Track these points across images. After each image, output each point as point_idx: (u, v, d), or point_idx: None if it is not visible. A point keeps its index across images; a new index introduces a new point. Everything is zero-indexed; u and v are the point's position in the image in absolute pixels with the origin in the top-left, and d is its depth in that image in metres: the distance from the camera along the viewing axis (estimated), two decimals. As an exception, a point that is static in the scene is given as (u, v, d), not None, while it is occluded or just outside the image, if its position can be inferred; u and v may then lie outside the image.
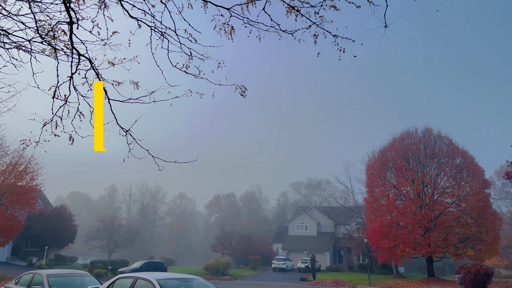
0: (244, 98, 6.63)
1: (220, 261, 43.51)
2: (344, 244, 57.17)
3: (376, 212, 38.50)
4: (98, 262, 47.06)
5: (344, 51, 5.42)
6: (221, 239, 61.18)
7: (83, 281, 12.63)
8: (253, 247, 60.62)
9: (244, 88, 6.55)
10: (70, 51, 6.60)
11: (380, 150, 41.33)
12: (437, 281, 34.74)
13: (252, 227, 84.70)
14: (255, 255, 56.66)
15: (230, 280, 37.91)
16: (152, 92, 7.06)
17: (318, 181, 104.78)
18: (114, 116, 6.93)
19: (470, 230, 34.34)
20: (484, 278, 22.95)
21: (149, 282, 8.79)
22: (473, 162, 37.46)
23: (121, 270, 34.67)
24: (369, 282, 34.74)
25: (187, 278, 9.98)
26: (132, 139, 7.03)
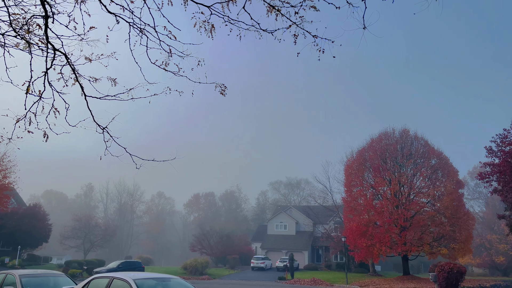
0: (224, 96, 6.61)
1: (199, 261, 43.29)
2: (322, 243, 57.73)
3: (354, 211, 39.04)
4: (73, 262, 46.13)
5: (324, 51, 5.46)
6: (200, 239, 60.86)
7: (57, 281, 12.35)
8: (232, 246, 60.55)
9: (224, 86, 6.52)
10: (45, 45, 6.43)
11: (358, 150, 41.93)
12: (412, 279, 35.49)
13: (231, 226, 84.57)
14: (234, 254, 56.60)
15: (208, 280, 37.76)
16: (131, 89, 6.95)
17: (297, 180, 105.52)
18: (91, 113, 6.79)
19: (444, 229, 35.25)
20: (457, 276, 23.56)
21: (126, 282, 8.64)
22: (447, 163, 38.43)
23: (97, 270, 34.06)
24: (346, 280, 35.17)
25: (165, 277, 9.87)
26: (109, 137, 6.91)
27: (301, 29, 5.45)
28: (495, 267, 62.50)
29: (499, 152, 22.95)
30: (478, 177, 25.34)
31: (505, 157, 22.24)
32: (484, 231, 66.23)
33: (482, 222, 68.98)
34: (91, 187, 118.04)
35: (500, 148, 22.94)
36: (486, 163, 23.81)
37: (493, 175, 23.24)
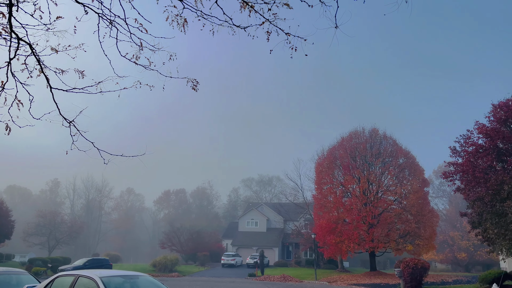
0: (196, 91, 6.54)
1: (168, 258, 42.85)
2: (292, 239, 58.37)
3: (324, 208, 39.66)
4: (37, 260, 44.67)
5: (296, 49, 5.50)
6: (170, 236, 60.28)
7: (20, 279, 11.94)
8: (202, 243, 60.34)
9: (196, 81, 6.45)
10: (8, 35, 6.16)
11: (329, 149, 42.60)
12: (378, 275, 36.44)
13: (202, 223, 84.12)
14: (205, 251, 56.41)
15: (178, 277, 37.44)
16: (99, 82, 6.77)
17: (269, 178, 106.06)
18: (57, 105, 6.57)
19: (410, 226, 36.38)
20: (421, 271, 24.35)
21: (92, 280, 8.44)
22: (414, 162, 39.63)
23: (62, 268, 33.12)
24: (315, 276, 35.72)
25: (133, 275, 9.71)
26: (76, 131, 6.71)
27: (274, 26, 5.47)
28: (457, 263, 65.05)
29: (462, 152, 23.81)
30: (442, 176, 26.23)
31: (468, 157, 23.10)
32: (447, 228, 68.78)
33: (446, 219, 71.61)
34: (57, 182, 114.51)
35: (463, 148, 23.80)
36: (450, 163, 24.67)
37: (456, 174, 24.09)
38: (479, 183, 21.81)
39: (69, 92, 6.58)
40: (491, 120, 22.67)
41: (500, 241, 20.27)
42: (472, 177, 22.34)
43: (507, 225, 19.21)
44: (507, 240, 19.51)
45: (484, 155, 21.95)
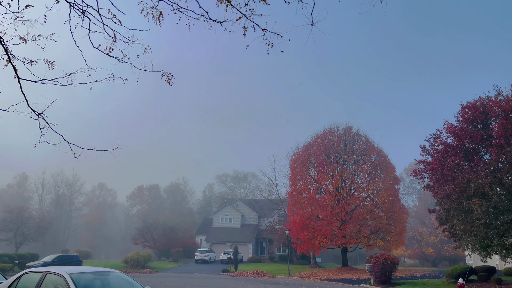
0: (170, 85, 6.45)
1: (141, 254, 42.30)
2: (266, 235, 58.72)
3: (298, 204, 40.07)
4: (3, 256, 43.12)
5: (272, 45, 5.50)
6: (143, 231, 59.49)
7: (-16, 277, 11.50)
8: (176, 239, 59.87)
9: (170, 75, 6.36)
10: (-27, 22, 5.90)
11: (304, 146, 43.01)
12: (350, 270, 37.17)
13: (176, 219, 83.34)
14: (178, 247, 56.00)
15: (150, 273, 37.04)
16: (70, 74, 6.59)
17: (244, 174, 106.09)
18: (25, 97, 6.35)
19: (381, 223, 37.25)
20: (390, 266, 25.00)
21: (60, 277, 8.21)
22: (386, 160, 40.54)
23: (30, 265, 32.18)
24: (288, 272, 36.07)
25: (103, 271, 9.51)
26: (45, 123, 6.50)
27: (251, 21, 5.45)
28: (425, 258, 67.12)
29: (432, 151, 24.49)
30: (412, 174, 26.92)
31: (437, 155, 23.79)
32: (416, 224, 70.77)
33: (415, 216, 73.61)
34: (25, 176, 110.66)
35: (433, 147, 24.48)
36: (420, 161, 25.33)
37: (426, 172, 24.77)
38: (447, 181, 22.51)
39: (38, 83, 6.37)
40: (459, 120, 23.41)
41: (466, 237, 21.01)
42: (441, 175, 23.04)
43: (472, 222, 19.93)
44: (473, 236, 20.25)
45: (452, 154, 22.66)
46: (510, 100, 21.26)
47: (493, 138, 21.06)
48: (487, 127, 22.39)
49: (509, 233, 18.94)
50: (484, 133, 22.07)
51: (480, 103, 22.90)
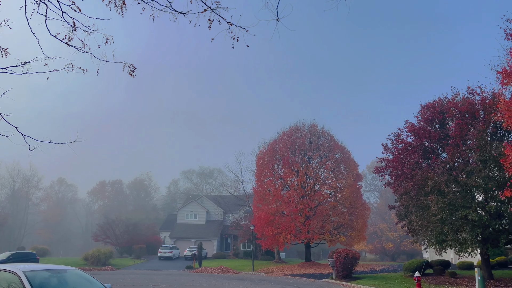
0: (133, 77, 6.28)
1: (102, 251, 41.21)
2: (231, 231, 58.75)
3: (263, 201, 40.32)
4: (-48, 255, 40.75)
5: (238, 39, 5.45)
6: (105, 228, 58.00)
7: None
8: (139, 235, 58.80)
9: (133, 67, 6.18)
10: None
11: (270, 142, 43.27)
12: (313, 265, 37.84)
13: (140, 215, 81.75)
14: (141, 244, 55.03)
15: (112, 270, 36.17)
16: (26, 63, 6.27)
17: (210, 170, 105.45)
18: (-25, 85, 5.98)
19: (343, 218, 38.15)
20: (352, 261, 25.65)
21: (14, 275, 7.85)
22: (349, 157, 41.50)
23: (-18, 263, 30.54)
24: (253, 268, 36.27)
25: (60, 269, 9.17)
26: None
27: (216, 14, 5.37)
28: (385, 253, 69.39)
29: (393, 149, 25.24)
30: (374, 171, 27.64)
31: (398, 153, 24.55)
32: (377, 220, 73.00)
33: (376, 212, 75.89)
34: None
35: (394, 145, 25.23)
36: (381, 159, 26.04)
37: (387, 169, 25.51)
38: (406, 178, 23.28)
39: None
40: (419, 119, 24.24)
41: (423, 232, 21.86)
42: (401, 172, 23.80)
43: (429, 218, 20.75)
44: (429, 232, 21.09)
45: (412, 152, 23.45)
46: (466, 101, 22.25)
47: (449, 137, 21.96)
48: (444, 127, 23.32)
49: (463, 228, 19.86)
50: (442, 132, 22.98)
51: (439, 103, 23.82)
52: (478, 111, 21.82)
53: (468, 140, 21.03)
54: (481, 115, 21.70)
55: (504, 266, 29.38)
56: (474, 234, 19.56)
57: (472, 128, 21.01)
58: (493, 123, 20.86)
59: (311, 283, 24.65)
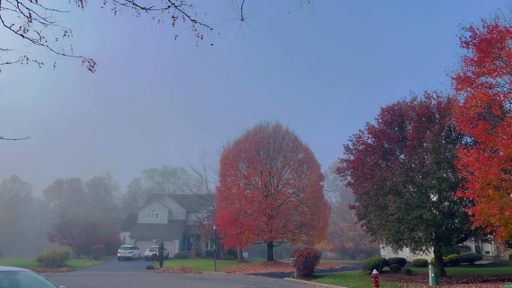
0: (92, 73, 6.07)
1: (57, 252, 39.61)
2: (194, 231, 58.20)
3: (227, 200, 40.23)
4: None
5: (202, 37, 5.40)
6: (61, 228, 55.82)
7: None
8: (97, 235, 57.05)
9: (93, 62, 5.97)
10: None
11: (235, 142, 43.23)
12: (275, 264, 38.17)
13: (99, 214, 79.39)
14: (100, 244, 53.44)
15: (68, 272, 34.89)
16: (-25, 54, 5.91)
17: (173, 169, 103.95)
18: None
19: (305, 218, 38.74)
20: (313, 260, 26.10)
21: (-41, 278, 7.39)
22: (312, 158, 42.19)
23: None
24: (215, 267, 36.10)
25: (11, 270, 8.72)
26: None
27: (181, 12, 5.29)
28: (345, 251, 71.10)
29: (354, 150, 25.89)
30: (336, 172, 28.22)
31: (359, 154, 25.22)
32: (338, 219, 74.66)
33: (337, 211, 77.61)
34: None
35: (355, 146, 25.88)
36: (343, 159, 26.65)
37: (348, 170, 26.14)
38: (366, 179, 23.97)
39: None
40: (379, 122, 25.00)
41: (381, 231, 22.60)
42: (361, 173, 24.47)
43: (387, 217, 21.47)
44: (387, 230, 21.83)
45: (372, 153, 24.16)
46: (423, 105, 23.20)
47: (407, 139, 22.81)
48: (403, 129, 24.18)
49: (418, 227, 20.69)
50: (400, 135, 23.83)
51: (398, 107, 24.67)
52: (434, 115, 22.82)
53: (425, 143, 21.91)
54: (437, 119, 22.70)
55: (455, 263, 30.90)
56: (429, 233, 20.40)
57: (428, 131, 21.92)
58: (448, 126, 21.87)
59: (272, 282, 24.85)
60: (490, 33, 16.54)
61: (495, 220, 15.38)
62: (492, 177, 15.01)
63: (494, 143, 16.07)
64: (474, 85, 17.30)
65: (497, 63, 16.72)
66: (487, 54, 16.34)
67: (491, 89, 17.33)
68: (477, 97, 16.37)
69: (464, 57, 17.77)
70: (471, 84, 17.35)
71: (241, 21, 4.94)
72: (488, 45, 16.34)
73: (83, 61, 5.94)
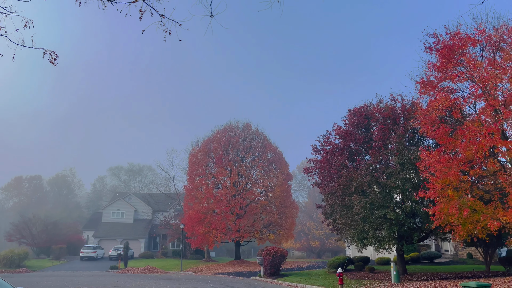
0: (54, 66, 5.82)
1: (16, 252, 38.03)
2: (160, 230, 57.33)
3: (195, 199, 39.89)
4: None
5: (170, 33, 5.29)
6: (20, 227, 53.53)
7: None
8: (59, 235, 55.14)
9: (55, 54, 5.73)
10: None
11: (204, 140, 42.91)
12: (242, 263, 38.19)
13: (61, 213, 76.59)
14: (61, 244, 51.69)
15: (27, 272, 33.53)
16: None
17: (140, 167, 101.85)
18: None
19: (273, 217, 38.98)
20: (280, 259, 26.30)
21: None
22: (281, 157, 42.50)
23: None
24: (181, 267, 35.71)
25: (-36, 273, 8.28)
26: None
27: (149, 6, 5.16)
28: (311, 250, 72.05)
29: (321, 150, 26.29)
30: (304, 171, 28.57)
31: (326, 155, 25.65)
32: (305, 218, 75.55)
33: (304, 211, 78.50)
34: None
35: (323, 147, 26.29)
36: (311, 159, 27.01)
37: (315, 170, 26.52)
38: (333, 179, 24.40)
39: None
40: (346, 123, 25.51)
41: (347, 230, 23.06)
42: (328, 173, 24.89)
43: (353, 216, 21.93)
44: (352, 229, 22.30)
45: (339, 154, 24.62)
46: (389, 108, 23.86)
47: (373, 141, 23.39)
48: (369, 131, 24.77)
49: (382, 226, 21.26)
50: (366, 136, 24.40)
51: (364, 109, 25.25)
52: (398, 118, 23.51)
53: (389, 144, 22.53)
54: (401, 121, 23.41)
55: (416, 261, 31.99)
56: (392, 232, 21.00)
57: (393, 133, 22.57)
58: (412, 129, 22.60)
59: (239, 281, 24.83)
60: (453, 40, 17.20)
61: (454, 220, 16.02)
62: (452, 178, 15.62)
63: (454, 146, 16.74)
64: (436, 89, 17.96)
65: (458, 68, 17.42)
66: (449, 60, 16.98)
67: (452, 93, 18.05)
68: (439, 101, 17.00)
69: (428, 62, 18.41)
70: (433, 89, 18.00)
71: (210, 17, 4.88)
72: (450, 51, 16.98)
73: (44, 53, 5.69)
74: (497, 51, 17.24)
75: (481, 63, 16.80)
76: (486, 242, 21.63)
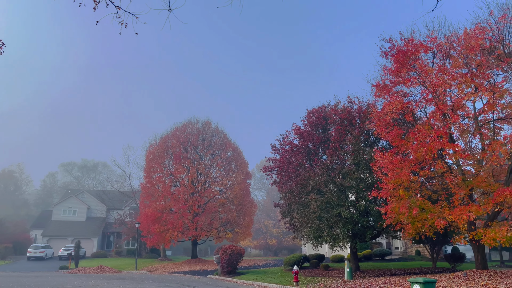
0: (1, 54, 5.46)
1: (-45, 252, 35.53)
2: (115, 229, 55.68)
3: (151, 197, 39.08)
4: None
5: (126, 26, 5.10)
6: (-40, 226, 50.23)
7: None
8: (5, 234, 52.24)
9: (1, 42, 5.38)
10: None
11: (162, 137, 42.08)
12: (199, 262, 37.87)
13: (7, 211, 72.52)
14: (7, 243, 48.99)
15: (-33, 274, 31.40)
16: None
17: (94, 163, 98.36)
18: None
19: (231, 215, 38.95)
20: (237, 257, 26.33)
21: None
22: (240, 156, 42.52)
23: None
24: (136, 266, 34.88)
25: None
26: None
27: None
28: (268, 248, 72.71)
29: (281, 150, 26.61)
30: (262, 170, 28.77)
31: (285, 154, 25.99)
32: (263, 217, 76.11)
33: (262, 209, 79.07)
34: None
35: (282, 146, 26.61)
36: (270, 158, 27.25)
37: (274, 169, 26.79)
38: (291, 178, 24.76)
39: None
40: (305, 123, 25.95)
41: (303, 228, 23.46)
42: (286, 172, 25.22)
43: (309, 215, 22.34)
44: (308, 228, 22.72)
45: (297, 153, 25.01)
46: (346, 109, 24.52)
47: (330, 141, 23.94)
48: (326, 131, 25.33)
49: (337, 225, 21.82)
50: (324, 136, 24.94)
51: (323, 110, 25.78)
52: (355, 119, 24.22)
53: (346, 145, 23.15)
54: (357, 122, 24.12)
55: (369, 258, 33.14)
56: (346, 230, 21.61)
57: (349, 134, 23.21)
58: (367, 130, 23.34)
59: (195, 280, 24.62)
60: (407, 46, 17.92)
61: (404, 218, 16.73)
62: (403, 178, 16.29)
63: (406, 147, 17.48)
64: (391, 92, 18.66)
65: (411, 73, 18.20)
66: (403, 64, 17.69)
67: (405, 97, 18.82)
68: (393, 104, 17.67)
69: (384, 66, 19.09)
70: (388, 92, 18.68)
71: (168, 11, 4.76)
72: (404, 57, 17.69)
73: (-11, 41, 5.32)
74: (447, 58, 18.17)
75: (432, 69, 17.64)
76: (433, 240, 22.81)
